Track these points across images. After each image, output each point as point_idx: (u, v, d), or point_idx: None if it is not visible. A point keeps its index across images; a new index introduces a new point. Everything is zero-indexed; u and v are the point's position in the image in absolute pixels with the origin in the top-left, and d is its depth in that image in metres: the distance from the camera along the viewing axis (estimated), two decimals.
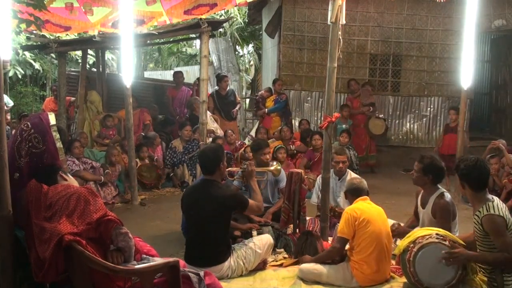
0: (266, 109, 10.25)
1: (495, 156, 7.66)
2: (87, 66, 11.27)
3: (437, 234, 3.75)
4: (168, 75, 18.31)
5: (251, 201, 4.40)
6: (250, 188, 4.73)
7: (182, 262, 3.26)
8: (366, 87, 10.22)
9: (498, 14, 10.59)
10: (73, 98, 10.24)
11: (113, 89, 10.66)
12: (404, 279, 4.08)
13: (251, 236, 4.82)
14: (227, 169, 4.61)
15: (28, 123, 3.14)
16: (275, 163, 5.57)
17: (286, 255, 4.86)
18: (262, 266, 4.52)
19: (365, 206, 4.27)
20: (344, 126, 9.29)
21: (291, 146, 8.92)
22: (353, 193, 4.42)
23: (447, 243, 3.64)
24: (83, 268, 2.80)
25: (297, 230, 5.16)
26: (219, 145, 5.32)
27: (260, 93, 11.22)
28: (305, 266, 4.32)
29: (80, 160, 7.06)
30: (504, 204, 3.71)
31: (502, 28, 10.79)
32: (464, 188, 3.78)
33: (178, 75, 10.85)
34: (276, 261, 4.74)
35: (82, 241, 2.78)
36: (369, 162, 9.92)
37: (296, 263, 4.57)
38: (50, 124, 3.16)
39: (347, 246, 4.29)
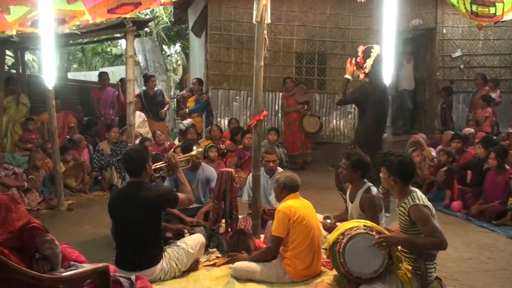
0: (187, 110, 10.23)
1: (416, 149, 8.04)
2: (6, 67, 10.76)
3: (364, 225, 3.88)
4: (93, 76, 17.83)
5: (180, 195, 4.38)
6: (178, 181, 4.70)
7: (112, 267, 3.20)
8: (301, 86, 10.43)
9: (415, 14, 11.13)
10: None
11: (34, 91, 10.25)
12: (334, 272, 4.20)
13: (183, 236, 4.79)
14: (152, 167, 4.53)
15: None
16: (194, 147, 5.58)
17: (219, 255, 4.86)
18: (195, 266, 4.50)
19: (297, 203, 4.34)
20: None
21: (221, 145, 8.94)
22: (289, 189, 4.45)
23: (374, 233, 3.77)
24: (6, 279, 2.68)
25: (229, 229, 5.19)
26: (142, 146, 5.34)
27: (181, 93, 11.19)
28: (238, 264, 4.35)
29: (0, 166, 6.75)
30: (423, 195, 3.90)
31: (419, 27, 11.35)
32: (393, 181, 3.90)
33: (103, 76, 10.64)
34: (209, 261, 4.73)
35: (4, 251, 2.66)
36: (306, 159, 10.15)
37: (229, 262, 4.59)
38: None
39: None
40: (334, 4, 11.06)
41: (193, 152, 5.42)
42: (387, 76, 7.16)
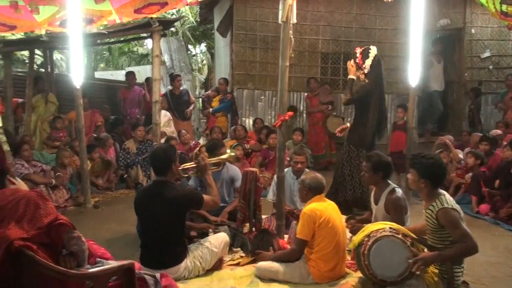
0: (211, 109, 10.26)
1: (442, 151, 7.93)
2: (35, 66, 10.95)
3: (390, 227, 3.84)
4: (119, 75, 18.04)
5: (206, 197, 4.36)
6: (206, 183, 4.70)
7: (137, 265, 3.22)
8: (325, 86, 10.37)
9: (443, 14, 10.96)
10: (20, 100, 9.95)
11: (63, 90, 10.41)
12: (359, 274, 4.16)
13: (207, 235, 4.80)
14: (180, 167, 4.56)
15: None
16: (228, 150, 5.54)
17: (242, 254, 4.86)
18: (218, 265, 4.51)
19: (322, 206, 4.31)
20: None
21: (245, 145, 8.95)
22: (315, 190, 4.42)
23: (400, 236, 3.73)
24: (34, 274, 2.72)
25: (253, 228, 5.18)
26: (170, 145, 5.27)
27: (206, 93, 11.24)
28: (262, 264, 4.35)
29: (29, 163, 6.86)
30: (452, 198, 3.84)
31: (447, 27, 11.18)
32: (423, 184, 3.84)
33: (130, 76, 10.74)
34: (233, 260, 4.74)
35: (32, 247, 2.70)
36: (331, 160, 10.08)
37: (253, 261, 4.58)
38: None
39: None
40: (360, 4, 10.96)
41: (225, 156, 5.38)
42: (415, 77, 7.11)
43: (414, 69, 7.18)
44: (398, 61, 10.70)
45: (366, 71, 6.34)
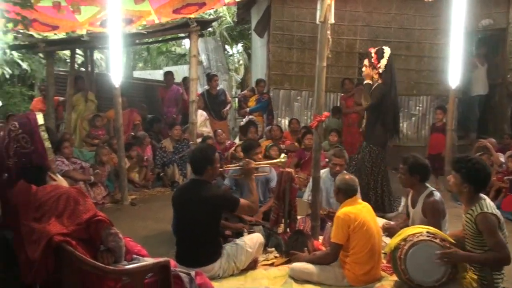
0: (248, 109, 10.27)
1: (483, 154, 7.73)
2: (76, 65, 11.20)
3: (427, 232, 3.77)
4: (157, 75, 18.23)
5: (242, 201, 4.35)
6: (247, 187, 4.69)
7: (173, 262, 3.25)
8: (360, 87, 10.23)
9: (485, 14, 10.68)
10: (61, 98, 10.19)
11: (102, 89, 10.61)
12: (394, 278, 4.11)
13: (242, 235, 4.81)
14: (224, 167, 4.57)
15: (16, 123, 3.11)
16: (282, 155, 5.40)
17: (277, 254, 4.86)
18: (253, 265, 4.52)
19: (356, 209, 4.26)
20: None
21: (281, 145, 8.93)
22: (346, 193, 4.39)
23: (437, 241, 3.66)
24: (73, 269, 2.78)
25: (288, 229, 5.16)
26: (209, 146, 5.19)
27: (242, 92, 11.25)
28: (296, 265, 4.33)
29: (69, 160, 7.01)
30: (492, 203, 3.74)
31: (489, 28, 10.89)
32: (466, 189, 3.75)
33: (168, 76, 10.83)
34: (267, 260, 4.74)
35: (72, 242, 2.75)
36: None
37: (287, 262, 4.58)
38: (39, 124, 3.13)
39: None
40: (400, 4, 10.78)
41: (276, 160, 5.27)
42: (456, 78, 6.96)
43: (455, 70, 7.03)
44: (438, 62, 10.49)
45: (380, 70, 6.39)
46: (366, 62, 6.55)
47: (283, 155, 5.41)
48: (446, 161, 7.08)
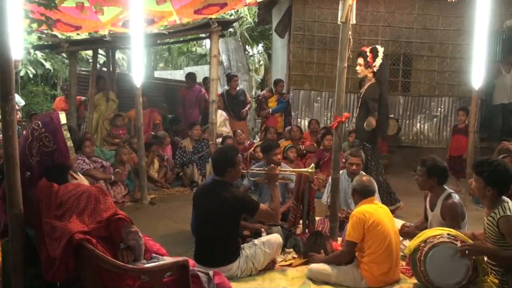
0: (270, 110, 10.27)
1: (506, 157, 7.60)
2: (98, 65, 11.33)
3: (448, 234, 3.74)
4: (177, 75, 18.35)
5: (262, 206, 4.32)
6: (266, 189, 4.67)
7: (191, 262, 3.26)
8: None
9: (510, 14, 10.52)
10: (83, 98, 10.32)
11: (123, 89, 10.71)
12: (414, 280, 4.07)
13: (260, 236, 4.81)
14: (247, 170, 4.56)
15: (39, 122, 3.15)
16: (312, 164, 5.28)
17: (295, 255, 4.85)
18: (271, 266, 4.52)
19: (372, 208, 4.25)
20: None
21: (300, 146, 8.91)
22: (362, 194, 4.38)
23: (458, 243, 3.62)
24: (93, 267, 2.80)
25: (306, 230, 5.16)
26: (232, 147, 5.09)
27: (262, 93, 11.24)
28: (314, 266, 4.32)
29: (90, 159, 7.08)
30: None
31: None
32: (488, 192, 3.70)
33: (190, 76, 10.81)
34: (285, 261, 4.74)
35: (92, 240, 2.78)
36: (384, 162, 9.87)
37: (305, 263, 4.57)
38: (61, 123, 3.16)
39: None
40: (423, 4, 10.68)
41: (303, 170, 5.12)
42: (479, 79, 6.87)
43: (478, 71, 6.93)
44: (461, 63, 10.39)
45: (375, 69, 6.43)
46: (361, 61, 6.51)
47: (312, 164, 5.31)
48: (468, 163, 6.98)
